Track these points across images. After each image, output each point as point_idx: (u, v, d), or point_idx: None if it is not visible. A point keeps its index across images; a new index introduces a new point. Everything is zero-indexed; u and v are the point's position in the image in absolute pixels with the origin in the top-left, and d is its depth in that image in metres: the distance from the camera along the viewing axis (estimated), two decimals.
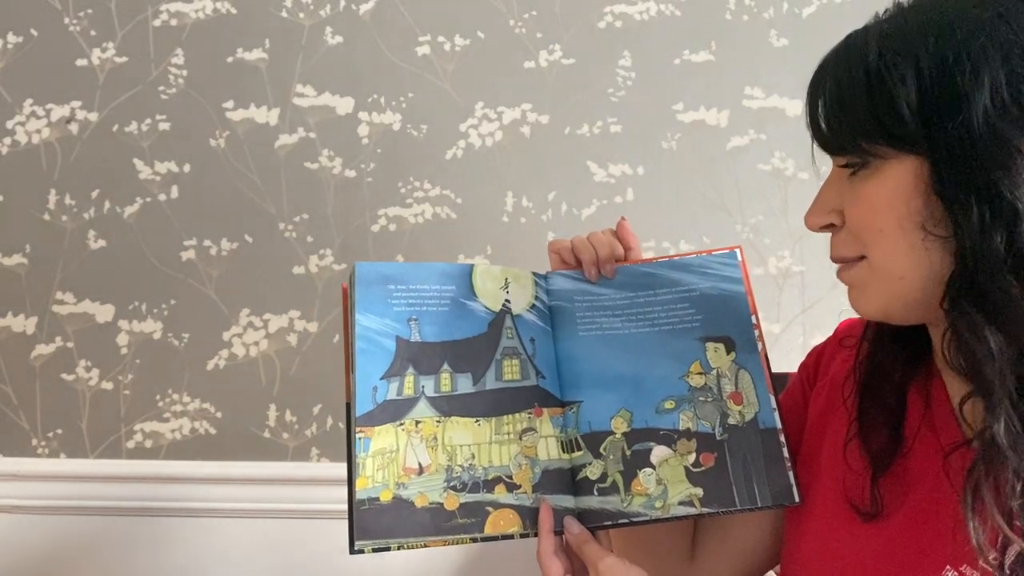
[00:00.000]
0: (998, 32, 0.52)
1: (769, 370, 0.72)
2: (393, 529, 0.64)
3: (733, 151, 1.33)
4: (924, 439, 0.62)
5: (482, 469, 0.68)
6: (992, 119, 0.51)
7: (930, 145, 0.53)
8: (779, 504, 0.67)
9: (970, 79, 0.52)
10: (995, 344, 0.51)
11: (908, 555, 0.59)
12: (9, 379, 1.35)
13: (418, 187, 1.34)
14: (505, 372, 0.72)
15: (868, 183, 0.57)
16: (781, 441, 0.69)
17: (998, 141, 0.51)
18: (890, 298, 0.58)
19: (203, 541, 1.32)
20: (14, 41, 1.38)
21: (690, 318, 0.74)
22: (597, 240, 0.77)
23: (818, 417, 0.73)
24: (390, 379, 0.69)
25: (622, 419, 0.71)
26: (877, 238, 0.57)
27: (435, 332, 0.71)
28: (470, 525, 0.65)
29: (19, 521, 1.33)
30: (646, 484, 0.68)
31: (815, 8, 1.34)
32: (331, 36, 1.36)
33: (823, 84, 0.58)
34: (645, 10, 1.35)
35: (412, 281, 0.72)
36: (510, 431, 0.70)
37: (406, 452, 0.67)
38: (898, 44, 0.55)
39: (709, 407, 0.71)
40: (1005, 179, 0.50)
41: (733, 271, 0.75)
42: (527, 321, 0.74)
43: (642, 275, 0.76)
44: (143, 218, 1.35)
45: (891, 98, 0.54)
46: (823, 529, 0.66)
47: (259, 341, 1.34)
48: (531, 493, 0.68)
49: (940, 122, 0.53)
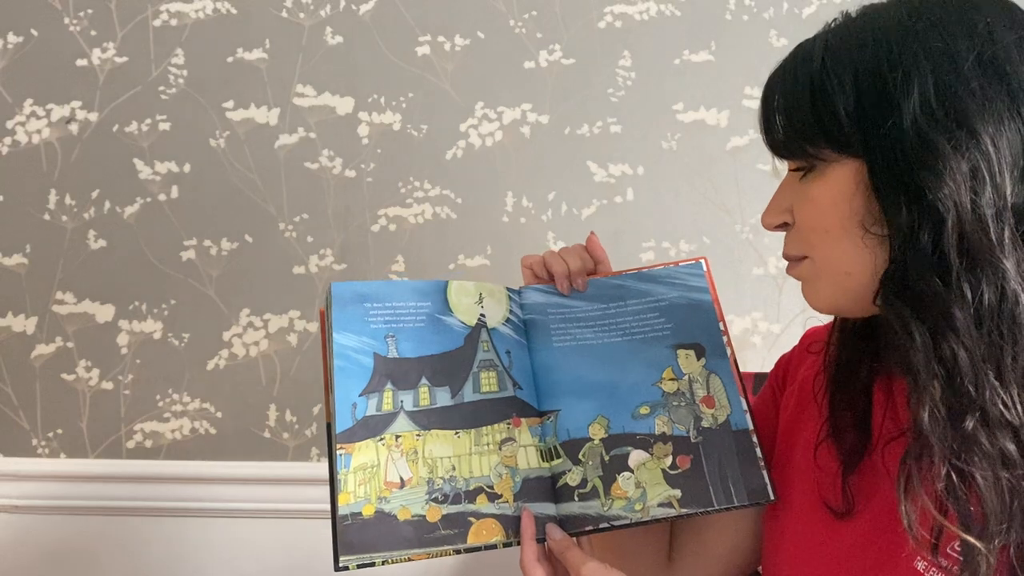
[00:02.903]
0: (929, 42, 0.55)
1: (739, 374, 0.74)
2: (377, 543, 0.64)
3: (733, 151, 1.33)
4: (889, 434, 0.64)
5: (463, 480, 0.68)
6: (920, 124, 0.54)
7: (866, 148, 0.56)
8: (755, 502, 0.69)
9: (901, 86, 0.54)
10: (921, 338, 0.54)
11: (881, 549, 0.61)
12: (9, 379, 1.35)
13: (418, 187, 1.34)
14: (483, 384, 0.73)
15: (814, 185, 0.60)
16: (754, 442, 0.71)
17: (925, 145, 0.53)
18: (837, 292, 0.61)
19: (203, 541, 1.32)
20: (14, 41, 1.38)
21: (660, 327, 0.76)
22: (568, 254, 0.79)
23: (789, 421, 0.75)
24: (369, 395, 0.69)
25: (599, 425, 0.73)
26: (823, 237, 0.60)
27: (412, 348, 0.72)
28: (453, 536, 0.66)
29: (19, 521, 1.33)
30: (625, 488, 0.70)
31: (815, 8, 1.34)
32: (331, 36, 1.36)
33: (773, 93, 0.61)
34: (645, 10, 1.35)
35: (388, 299, 0.73)
36: (489, 442, 0.71)
37: (387, 467, 0.67)
38: (839, 53, 0.58)
39: (683, 411, 0.72)
40: (931, 182, 0.53)
41: (700, 281, 0.78)
42: (502, 334, 0.76)
43: (612, 287, 0.79)
44: (143, 218, 1.35)
45: (831, 104, 0.57)
46: (799, 530, 0.68)
47: (259, 341, 1.34)
48: (512, 502, 0.69)
49: (874, 126, 0.55)
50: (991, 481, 0.52)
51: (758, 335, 1.31)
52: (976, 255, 0.52)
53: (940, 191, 0.52)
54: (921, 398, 0.54)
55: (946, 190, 0.52)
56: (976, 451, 0.52)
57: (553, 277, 0.79)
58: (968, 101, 0.53)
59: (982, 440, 0.52)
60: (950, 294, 0.53)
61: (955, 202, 0.52)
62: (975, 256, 0.52)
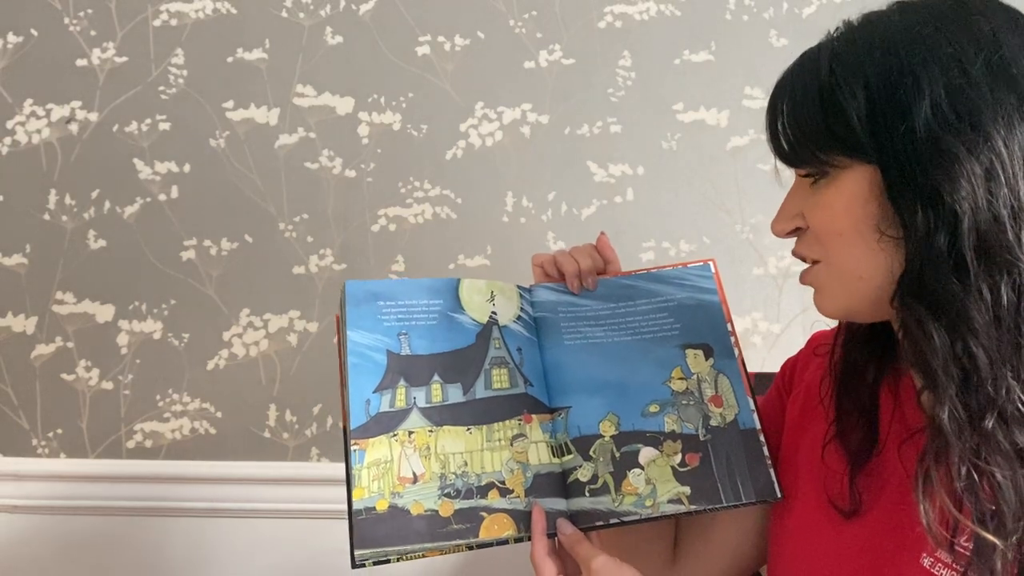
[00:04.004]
0: (938, 46, 0.56)
1: (746, 374, 0.75)
2: (391, 537, 0.65)
3: (733, 151, 1.33)
4: (896, 434, 0.65)
5: (475, 476, 0.69)
6: (933, 128, 0.54)
7: (879, 153, 0.57)
8: (763, 500, 0.70)
9: (912, 91, 0.55)
10: (939, 339, 0.54)
11: (887, 547, 0.62)
12: (9, 379, 1.35)
13: (418, 187, 1.34)
14: (494, 381, 0.74)
15: (827, 191, 0.61)
16: (761, 441, 0.72)
17: (938, 149, 0.54)
18: (851, 297, 0.62)
19: (203, 541, 1.32)
20: (14, 41, 1.38)
21: (669, 327, 0.77)
22: (579, 253, 0.80)
23: (795, 423, 0.76)
24: (382, 392, 0.71)
25: (610, 423, 0.74)
26: (837, 241, 0.61)
27: (425, 345, 0.73)
28: (465, 531, 0.67)
29: (19, 521, 1.33)
30: (636, 484, 0.71)
31: (815, 8, 1.34)
32: (331, 36, 1.36)
33: (780, 103, 0.62)
34: (645, 10, 1.35)
35: (400, 297, 0.74)
36: (501, 438, 0.71)
37: (400, 462, 0.68)
38: (847, 61, 0.58)
39: (692, 410, 0.74)
40: (946, 184, 0.54)
41: (708, 282, 0.79)
42: (513, 332, 0.77)
43: (622, 287, 0.80)
44: (143, 218, 1.35)
45: (843, 111, 0.57)
46: (806, 529, 0.69)
47: (259, 341, 1.34)
48: (524, 497, 0.69)
49: (887, 132, 0.56)
50: (1009, 478, 0.52)
51: (758, 335, 1.31)
52: (994, 255, 0.53)
53: (956, 193, 0.53)
54: (940, 398, 0.54)
55: (963, 192, 0.53)
56: (996, 449, 0.53)
57: (564, 276, 0.80)
58: (979, 103, 0.54)
59: (1000, 438, 0.53)
60: (968, 294, 0.53)
61: (971, 204, 0.53)
62: (993, 256, 0.53)
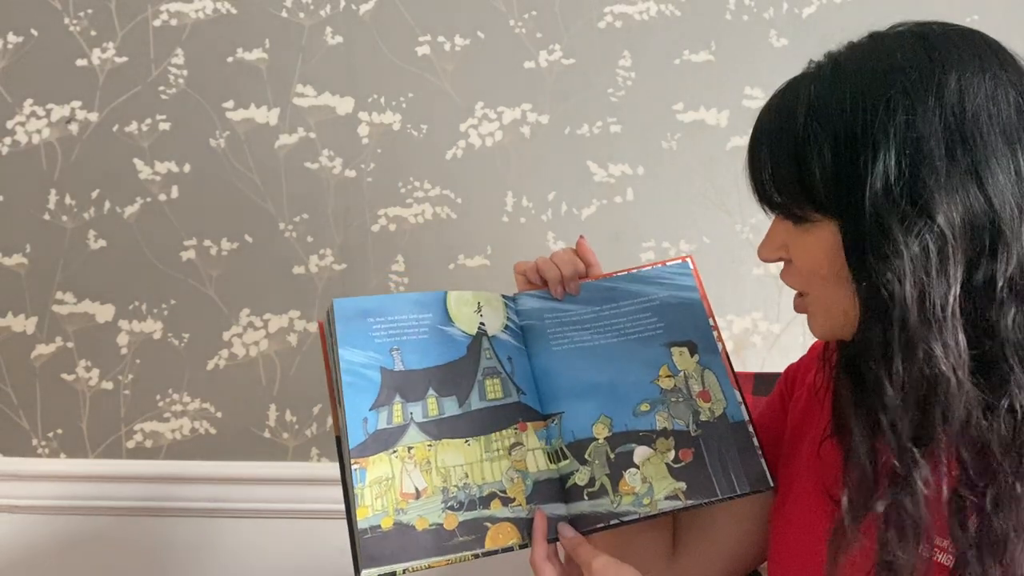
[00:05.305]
0: (898, 113, 0.56)
1: (731, 367, 0.76)
2: (398, 554, 0.66)
3: (733, 151, 1.33)
4: None
5: (476, 487, 0.70)
6: (878, 204, 0.55)
7: (840, 216, 0.58)
8: (756, 490, 0.71)
9: (869, 159, 0.56)
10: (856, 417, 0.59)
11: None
12: (9, 379, 1.35)
13: (418, 187, 1.34)
14: (488, 392, 0.74)
15: (807, 235, 0.62)
16: (750, 432, 0.73)
17: (880, 229, 0.55)
18: (836, 325, 0.64)
19: (203, 541, 1.32)
20: (14, 41, 1.38)
21: (653, 326, 0.78)
22: (559, 259, 0.81)
23: (796, 422, 0.77)
24: (379, 409, 0.71)
25: (603, 425, 0.74)
26: (818, 281, 0.63)
27: (418, 360, 0.74)
28: (471, 542, 0.68)
29: (19, 521, 1.33)
30: (632, 483, 0.72)
31: (815, 8, 1.34)
32: (331, 36, 1.36)
33: (759, 150, 0.63)
34: (645, 10, 1.35)
35: (390, 313, 0.75)
36: (499, 448, 0.72)
37: (402, 478, 0.69)
38: (820, 114, 0.59)
39: (681, 406, 0.75)
40: (879, 264, 0.55)
41: (687, 279, 0.80)
42: (502, 341, 0.78)
43: (604, 289, 0.81)
44: (143, 218, 1.35)
45: (811, 169, 0.58)
46: (805, 522, 0.70)
47: (259, 341, 1.34)
48: (526, 505, 0.70)
49: (847, 195, 0.57)
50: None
51: (758, 335, 1.31)
52: (915, 336, 0.54)
53: (884, 276, 0.54)
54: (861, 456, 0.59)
55: (889, 275, 0.54)
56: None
57: (546, 282, 0.81)
58: (928, 178, 0.54)
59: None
60: (885, 370, 0.55)
61: (897, 288, 0.54)
62: (914, 337, 0.54)
